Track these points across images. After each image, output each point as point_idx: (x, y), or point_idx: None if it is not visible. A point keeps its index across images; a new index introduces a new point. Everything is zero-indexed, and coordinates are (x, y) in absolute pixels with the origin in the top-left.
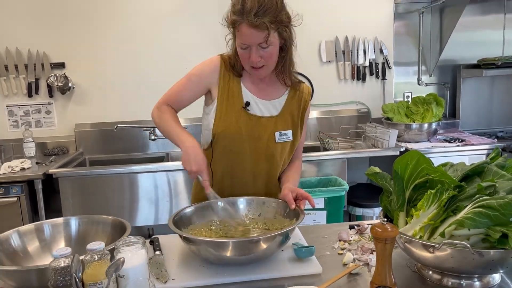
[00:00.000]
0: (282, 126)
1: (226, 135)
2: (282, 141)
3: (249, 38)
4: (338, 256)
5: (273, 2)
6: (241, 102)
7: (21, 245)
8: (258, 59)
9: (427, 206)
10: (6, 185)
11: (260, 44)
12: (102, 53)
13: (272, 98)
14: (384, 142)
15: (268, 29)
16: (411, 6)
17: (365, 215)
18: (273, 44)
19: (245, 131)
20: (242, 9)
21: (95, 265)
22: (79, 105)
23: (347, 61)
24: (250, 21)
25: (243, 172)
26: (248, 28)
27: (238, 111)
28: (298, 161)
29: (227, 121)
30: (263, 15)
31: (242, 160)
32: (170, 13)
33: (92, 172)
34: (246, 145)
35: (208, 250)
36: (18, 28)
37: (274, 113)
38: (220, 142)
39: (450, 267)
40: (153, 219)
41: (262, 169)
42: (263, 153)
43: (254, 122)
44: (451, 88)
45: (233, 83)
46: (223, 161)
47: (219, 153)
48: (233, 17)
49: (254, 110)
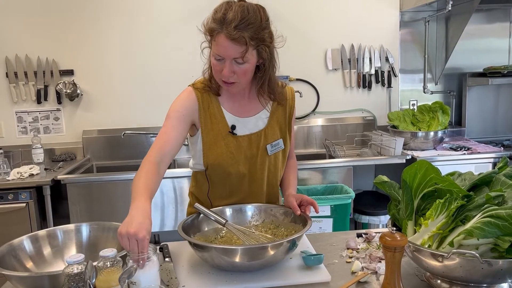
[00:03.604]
0: (271, 137)
1: (220, 163)
2: (275, 152)
3: (225, 51)
4: (346, 264)
5: (257, 17)
6: (226, 126)
7: (33, 251)
8: (231, 74)
9: (435, 216)
10: (15, 191)
11: (235, 59)
12: (110, 61)
13: (256, 112)
14: (390, 150)
15: (246, 45)
16: (417, 14)
17: (371, 223)
18: (249, 62)
19: (237, 154)
20: (222, 19)
21: (107, 271)
22: (87, 111)
23: (353, 69)
24: (229, 32)
25: (243, 191)
26: (226, 40)
27: (225, 137)
28: (293, 160)
29: (217, 149)
30: (244, 29)
31: (240, 182)
32: (177, 22)
33: (99, 179)
34: (241, 167)
35: (217, 256)
36: (28, 35)
37: (261, 126)
38: (215, 171)
39: (459, 276)
40: (158, 226)
41: (260, 185)
42: (258, 169)
43: (244, 142)
44: (456, 96)
45: (213, 109)
46: (220, 187)
47: (216, 180)
48: (212, 24)
49: (242, 130)
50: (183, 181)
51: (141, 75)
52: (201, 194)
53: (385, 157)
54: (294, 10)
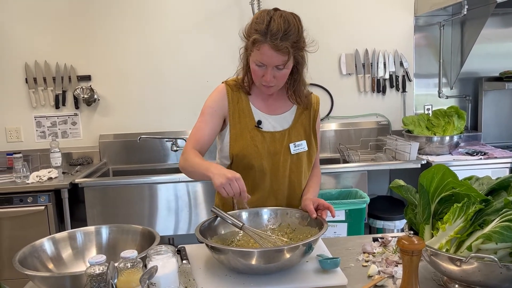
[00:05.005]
0: (295, 137)
1: (244, 154)
2: (298, 152)
3: (269, 59)
4: (362, 268)
5: (296, 28)
6: (253, 121)
7: (55, 252)
8: (272, 79)
9: (453, 220)
10: (35, 194)
11: (276, 66)
12: (126, 67)
13: (283, 112)
14: (405, 155)
15: (289, 54)
16: (432, 19)
17: (386, 228)
18: (288, 68)
19: (262, 148)
20: (266, 30)
21: (128, 272)
22: (103, 116)
23: (367, 74)
24: (274, 43)
25: (263, 189)
26: (270, 50)
27: (251, 130)
28: (316, 169)
29: (243, 141)
30: (286, 39)
31: (262, 177)
32: (192, 28)
33: (116, 182)
34: (265, 162)
35: (234, 259)
36: (47, 42)
37: (286, 126)
38: (239, 162)
39: (477, 281)
40: (172, 229)
41: (282, 183)
42: (281, 166)
43: (268, 138)
44: (472, 101)
45: (242, 104)
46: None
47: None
48: (255, 35)
49: (267, 127)
50: (197, 185)
51: (157, 80)
52: None
53: (400, 162)
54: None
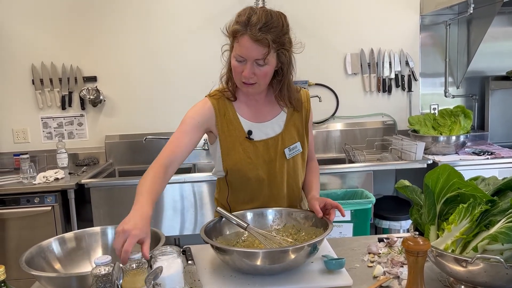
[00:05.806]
0: (289, 141)
1: (239, 168)
2: (293, 155)
3: (248, 51)
4: (368, 269)
5: (279, 22)
6: (243, 132)
7: (61, 252)
8: (251, 75)
9: (459, 220)
10: (41, 195)
11: (256, 61)
12: (131, 68)
13: (272, 117)
14: (411, 155)
15: (269, 47)
16: (438, 18)
17: (392, 228)
18: (269, 64)
19: (255, 158)
20: (247, 21)
21: (133, 273)
22: (109, 117)
23: (372, 73)
24: (253, 34)
25: (263, 196)
26: (249, 41)
27: (243, 142)
28: (314, 162)
29: (236, 154)
30: (267, 31)
31: (260, 186)
32: (197, 28)
33: (122, 183)
34: (260, 171)
35: (239, 259)
36: (53, 43)
37: (278, 130)
38: (234, 175)
39: (483, 282)
40: (178, 229)
41: (280, 189)
42: (278, 173)
43: (261, 147)
44: (479, 100)
45: (229, 115)
46: (240, 192)
47: (236, 185)
48: (236, 26)
49: (259, 135)
50: (203, 186)
51: (162, 81)
52: (223, 199)
53: (405, 161)
54: (313, 15)
